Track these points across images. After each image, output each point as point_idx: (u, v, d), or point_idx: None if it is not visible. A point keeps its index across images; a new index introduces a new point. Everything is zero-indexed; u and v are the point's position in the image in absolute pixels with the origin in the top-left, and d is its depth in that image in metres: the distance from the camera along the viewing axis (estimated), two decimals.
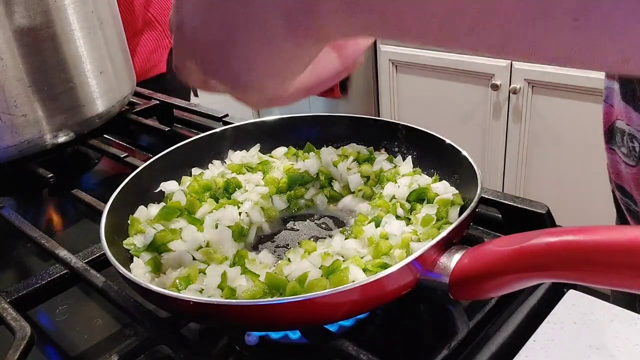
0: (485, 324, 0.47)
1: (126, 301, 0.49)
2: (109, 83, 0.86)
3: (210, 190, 0.62)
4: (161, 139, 0.88)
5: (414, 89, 1.93)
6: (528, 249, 0.36)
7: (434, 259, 0.42)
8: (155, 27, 1.40)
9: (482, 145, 1.82)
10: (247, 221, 0.58)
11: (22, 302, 0.51)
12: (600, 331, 0.43)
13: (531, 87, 1.63)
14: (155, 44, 1.41)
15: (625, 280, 0.33)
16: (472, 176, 0.52)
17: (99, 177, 0.91)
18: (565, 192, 1.69)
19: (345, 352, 0.42)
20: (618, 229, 0.33)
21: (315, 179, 0.64)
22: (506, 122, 1.73)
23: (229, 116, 0.89)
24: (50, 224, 0.78)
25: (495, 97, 1.72)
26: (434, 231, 0.51)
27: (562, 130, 1.62)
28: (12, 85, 0.72)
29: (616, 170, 0.56)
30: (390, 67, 1.94)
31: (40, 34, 0.74)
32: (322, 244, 0.52)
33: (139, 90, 1.05)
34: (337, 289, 0.39)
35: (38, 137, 0.77)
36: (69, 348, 0.52)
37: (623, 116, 0.52)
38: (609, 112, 0.55)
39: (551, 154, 1.67)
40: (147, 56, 1.40)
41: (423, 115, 1.95)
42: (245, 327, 0.47)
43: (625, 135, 0.52)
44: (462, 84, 1.79)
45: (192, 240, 0.53)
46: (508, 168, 1.80)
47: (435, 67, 1.82)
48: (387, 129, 0.66)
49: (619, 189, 0.57)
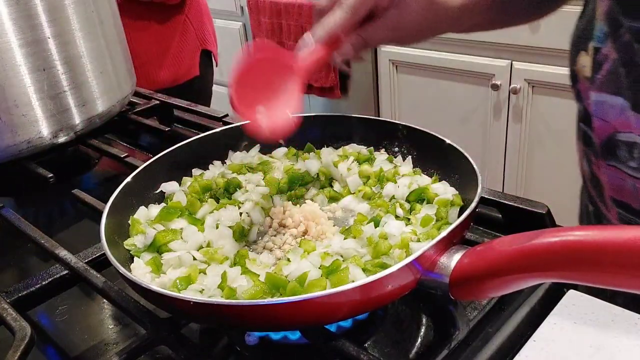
0: (485, 324, 0.47)
1: (126, 301, 0.49)
2: (109, 83, 0.86)
3: (210, 191, 0.62)
4: (161, 139, 0.88)
5: (414, 89, 1.93)
6: (528, 249, 0.36)
7: (434, 259, 0.42)
8: (190, 30, 1.41)
9: (482, 145, 1.82)
10: (248, 221, 0.58)
11: (22, 302, 0.51)
12: (600, 331, 0.43)
13: (531, 87, 1.63)
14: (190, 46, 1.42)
15: (625, 280, 0.33)
16: (472, 176, 0.52)
17: (99, 177, 0.91)
18: (565, 192, 1.69)
19: (345, 352, 0.42)
20: (618, 229, 0.33)
21: (315, 179, 0.64)
22: (506, 122, 1.73)
23: (229, 116, 0.89)
24: (50, 224, 0.78)
25: (495, 97, 1.72)
26: (433, 231, 0.51)
27: (562, 130, 1.61)
28: (12, 85, 0.72)
29: (617, 186, 0.54)
30: (390, 67, 1.94)
31: (40, 34, 0.74)
32: (322, 244, 0.52)
33: (139, 90, 1.05)
34: (337, 289, 0.39)
35: (38, 137, 0.77)
36: (69, 348, 0.52)
37: (633, 128, 0.50)
38: (603, 127, 0.53)
39: (551, 154, 1.67)
40: (182, 59, 1.40)
41: (423, 115, 1.95)
42: (245, 327, 0.47)
43: (636, 147, 0.50)
44: (462, 84, 1.79)
45: (193, 241, 0.53)
46: (508, 168, 1.80)
47: (435, 67, 1.82)
48: (387, 129, 0.66)
49: (621, 206, 0.55)
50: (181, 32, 1.39)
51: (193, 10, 1.41)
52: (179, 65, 1.41)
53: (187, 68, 1.43)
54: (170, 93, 1.07)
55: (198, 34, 1.43)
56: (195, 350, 0.44)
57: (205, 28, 1.48)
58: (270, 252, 0.55)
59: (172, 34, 1.38)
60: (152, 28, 1.33)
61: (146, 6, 1.30)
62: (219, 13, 2.39)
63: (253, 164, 0.66)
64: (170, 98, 1.00)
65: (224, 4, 2.40)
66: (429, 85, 1.88)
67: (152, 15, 1.32)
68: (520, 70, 1.63)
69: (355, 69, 2.05)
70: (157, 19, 1.34)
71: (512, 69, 1.65)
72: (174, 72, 1.40)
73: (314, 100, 2.25)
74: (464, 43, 1.72)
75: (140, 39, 1.31)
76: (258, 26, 2.21)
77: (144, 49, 1.33)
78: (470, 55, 1.73)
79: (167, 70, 1.39)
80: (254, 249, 0.56)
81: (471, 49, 1.72)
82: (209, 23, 1.51)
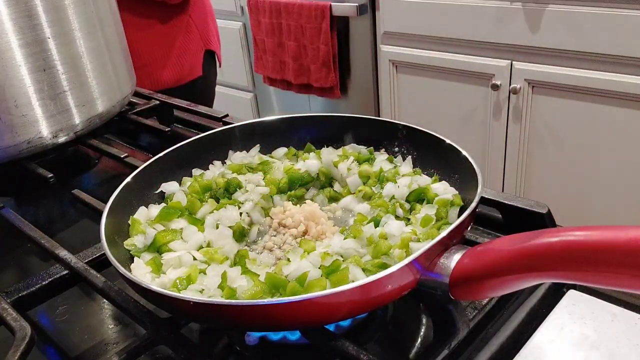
0: (485, 324, 0.47)
1: (126, 301, 0.49)
2: (109, 83, 0.86)
3: (210, 191, 0.62)
4: (161, 139, 0.88)
5: (414, 89, 1.93)
6: (528, 249, 0.36)
7: (434, 259, 0.42)
8: (193, 30, 1.41)
9: (482, 145, 1.82)
10: (248, 221, 0.59)
11: (22, 302, 0.51)
12: (600, 331, 0.43)
13: (531, 87, 1.63)
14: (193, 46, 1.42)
15: (626, 280, 0.33)
16: (472, 176, 0.52)
17: (99, 177, 0.91)
18: (565, 192, 1.69)
19: (345, 352, 0.42)
20: (618, 229, 0.33)
21: (315, 179, 0.64)
22: (506, 122, 1.73)
23: (229, 116, 0.89)
24: (50, 224, 0.78)
25: (495, 97, 1.71)
26: (433, 231, 0.51)
27: (562, 130, 1.62)
28: (12, 85, 0.72)
29: None
30: (390, 67, 1.94)
31: (40, 34, 0.74)
32: (322, 244, 0.52)
33: (139, 90, 1.05)
34: (337, 289, 0.39)
35: (38, 137, 0.77)
36: (69, 348, 0.52)
37: None
38: None
39: (551, 154, 1.67)
40: (185, 59, 1.40)
41: (423, 115, 1.95)
42: (245, 327, 0.47)
43: None
44: (462, 84, 1.79)
45: (193, 241, 0.53)
46: (508, 168, 1.80)
47: (435, 67, 1.82)
48: (387, 129, 0.66)
49: None
50: (185, 32, 1.39)
51: (197, 10, 1.41)
52: (182, 66, 1.41)
53: (190, 68, 1.43)
54: (174, 93, 1.07)
55: (202, 34, 1.43)
56: (195, 350, 0.44)
57: (209, 28, 1.48)
58: (270, 252, 0.55)
59: (176, 34, 1.38)
60: (155, 28, 1.33)
61: (149, 6, 1.30)
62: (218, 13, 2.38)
63: (253, 164, 0.66)
64: (170, 98, 1.00)
65: (224, 4, 2.40)
66: (429, 85, 1.88)
67: (155, 15, 1.32)
68: (520, 70, 1.63)
69: (355, 69, 2.06)
70: (160, 18, 1.33)
71: (512, 69, 1.65)
72: (177, 72, 1.40)
73: (314, 100, 2.25)
74: (463, 43, 1.72)
75: (143, 39, 1.31)
76: (258, 26, 2.21)
77: (147, 49, 1.33)
78: (470, 55, 1.73)
79: (170, 71, 1.39)
80: (254, 249, 0.56)
81: (471, 49, 1.72)
82: (212, 23, 1.51)
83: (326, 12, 1.94)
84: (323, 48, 2.00)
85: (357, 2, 1.88)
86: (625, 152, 1.51)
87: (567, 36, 1.48)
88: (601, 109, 1.52)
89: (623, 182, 1.55)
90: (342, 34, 2.01)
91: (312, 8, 1.96)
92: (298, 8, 2.01)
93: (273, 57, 2.19)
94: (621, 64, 1.44)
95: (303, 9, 1.99)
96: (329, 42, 1.98)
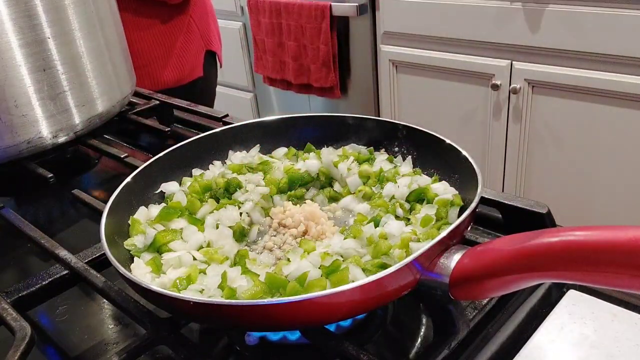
0: (485, 324, 0.47)
1: (126, 301, 0.49)
2: (109, 83, 0.86)
3: (210, 191, 0.62)
4: (161, 139, 0.88)
5: (414, 89, 1.93)
6: (528, 249, 0.36)
7: (434, 259, 0.42)
8: (194, 31, 1.41)
9: (482, 145, 1.82)
10: (248, 221, 0.58)
11: (22, 302, 0.51)
12: (600, 331, 0.43)
13: (531, 87, 1.63)
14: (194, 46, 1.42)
15: (626, 280, 0.33)
16: (472, 176, 0.52)
17: (99, 177, 0.91)
18: (565, 192, 1.69)
19: (345, 352, 0.42)
20: (618, 229, 0.33)
21: (315, 179, 0.64)
22: (506, 122, 1.73)
23: (229, 116, 0.89)
24: (50, 224, 0.78)
25: (495, 97, 1.71)
26: (433, 231, 0.51)
27: (562, 130, 1.62)
28: (12, 85, 0.72)
29: None
30: (390, 67, 1.94)
31: (40, 34, 0.74)
32: (322, 244, 0.52)
33: (139, 90, 1.05)
34: (337, 289, 0.39)
35: (38, 137, 0.77)
36: (69, 348, 0.52)
37: None
38: None
39: (551, 154, 1.67)
40: (186, 59, 1.40)
41: (423, 115, 1.95)
42: (245, 327, 0.47)
43: None
44: (462, 84, 1.79)
45: (193, 241, 0.53)
46: (508, 168, 1.80)
47: (435, 67, 1.82)
48: (387, 129, 0.66)
49: None
50: (185, 32, 1.39)
51: (197, 10, 1.41)
52: (182, 66, 1.40)
53: (191, 69, 1.43)
54: (174, 93, 1.07)
55: (202, 34, 1.43)
56: (195, 350, 0.44)
57: (210, 29, 1.48)
58: (270, 252, 0.55)
59: (176, 34, 1.38)
60: (155, 28, 1.33)
61: (149, 6, 1.30)
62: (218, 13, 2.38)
63: (253, 164, 0.66)
64: (170, 98, 1.00)
65: (223, 4, 2.39)
66: (429, 85, 1.88)
67: (155, 15, 1.32)
68: (520, 70, 1.63)
69: (355, 69, 2.06)
70: (160, 18, 1.33)
71: (512, 69, 1.65)
72: (178, 73, 1.40)
73: (314, 100, 2.25)
74: (464, 43, 1.72)
75: (144, 39, 1.31)
76: (258, 26, 2.21)
77: (148, 49, 1.33)
78: (470, 55, 1.73)
79: (171, 71, 1.39)
80: (254, 249, 0.56)
81: (471, 49, 1.72)
82: (213, 24, 1.51)
83: (326, 12, 1.94)
84: (323, 48, 2.00)
85: (357, 2, 1.88)
86: (625, 152, 1.51)
87: (567, 36, 1.48)
88: (601, 109, 1.51)
89: (623, 182, 1.55)
90: (342, 34, 2.01)
91: (312, 8, 1.96)
92: (298, 8, 2.01)
93: (273, 57, 2.19)
94: (621, 64, 1.44)
95: (303, 9, 1.99)
96: (329, 42, 1.98)
